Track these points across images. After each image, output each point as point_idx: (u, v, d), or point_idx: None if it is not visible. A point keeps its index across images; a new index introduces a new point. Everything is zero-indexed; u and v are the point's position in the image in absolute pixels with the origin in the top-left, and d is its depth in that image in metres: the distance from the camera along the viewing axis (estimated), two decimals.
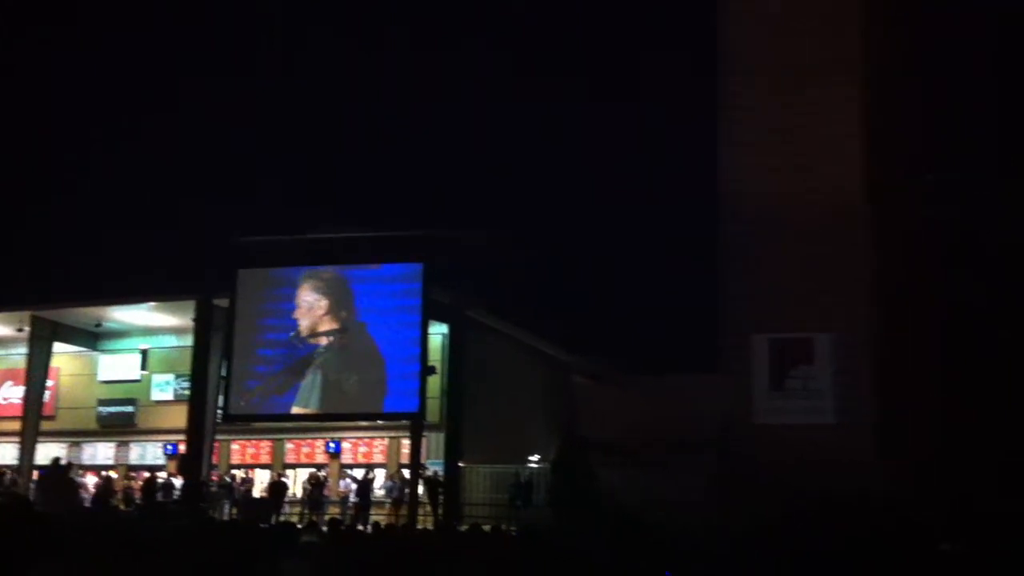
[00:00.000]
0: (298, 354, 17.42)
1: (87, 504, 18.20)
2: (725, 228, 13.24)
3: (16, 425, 20.60)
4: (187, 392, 19.49)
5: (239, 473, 20.77)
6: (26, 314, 20.52)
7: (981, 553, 8.83)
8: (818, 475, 11.00)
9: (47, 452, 19.91)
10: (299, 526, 9.69)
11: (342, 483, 19.91)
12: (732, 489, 11.56)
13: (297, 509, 18.81)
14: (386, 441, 20.58)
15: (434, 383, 18.00)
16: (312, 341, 17.43)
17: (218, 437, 19.88)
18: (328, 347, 17.38)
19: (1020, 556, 8.24)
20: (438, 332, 18.68)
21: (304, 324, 17.48)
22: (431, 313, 17.45)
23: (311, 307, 17.55)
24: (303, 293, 17.59)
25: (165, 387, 21.98)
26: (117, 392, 22.29)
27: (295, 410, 17.48)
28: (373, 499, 18.58)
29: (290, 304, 17.59)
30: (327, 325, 17.48)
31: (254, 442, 21.49)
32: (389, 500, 18.54)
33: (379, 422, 19.60)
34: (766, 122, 13.04)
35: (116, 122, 23.08)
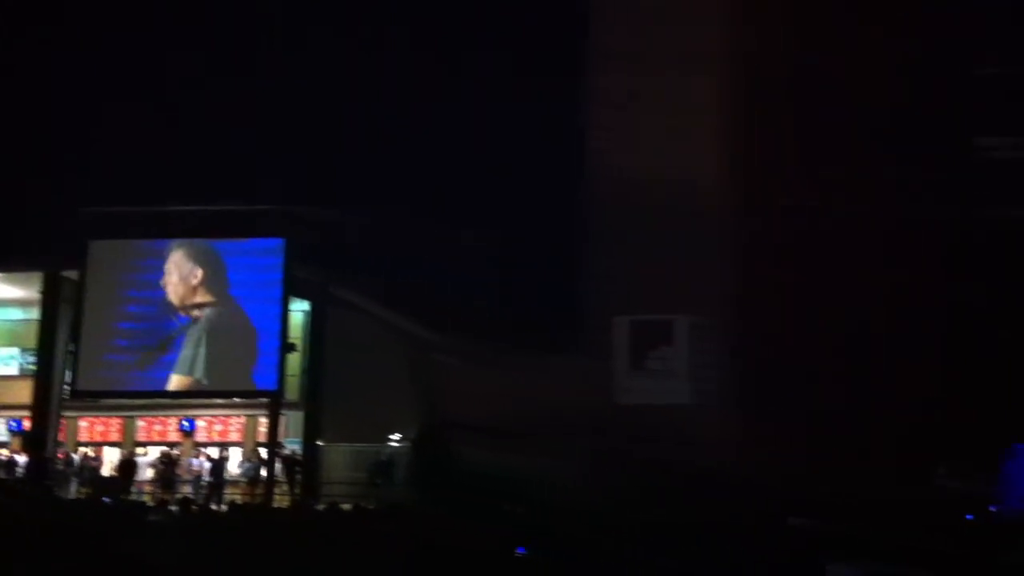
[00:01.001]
0: (166, 328, 17.02)
1: None
2: (590, 211, 13.37)
3: None
4: (33, 367, 18.78)
5: (87, 451, 20.09)
6: None
7: (827, 527, 9.13)
8: (677, 454, 11.22)
9: None
10: (149, 505, 9.39)
11: (195, 462, 19.45)
12: (594, 468, 11.71)
13: (148, 488, 18.30)
14: (243, 419, 20.19)
15: (294, 361, 17.79)
16: (184, 314, 17.06)
17: (65, 414, 19.20)
18: (200, 321, 17.02)
19: (861, 527, 8.57)
20: (300, 309, 18.42)
21: (174, 296, 17.08)
22: (293, 290, 17.24)
23: (183, 278, 17.12)
24: (174, 264, 17.14)
25: (9, 361, 21.10)
26: None
27: (168, 386, 17.11)
28: (228, 478, 18.21)
29: (156, 276, 17.13)
30: (200, 297, 17.11)
31: (103, 419, 20.81)
32: (244, 479, 18.20)
33: (236, 400, 19.22)
34: (631, 107, 13.21)
35: None
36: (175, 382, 17.14)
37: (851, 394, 13.33)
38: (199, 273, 17.07)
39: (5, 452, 19.42)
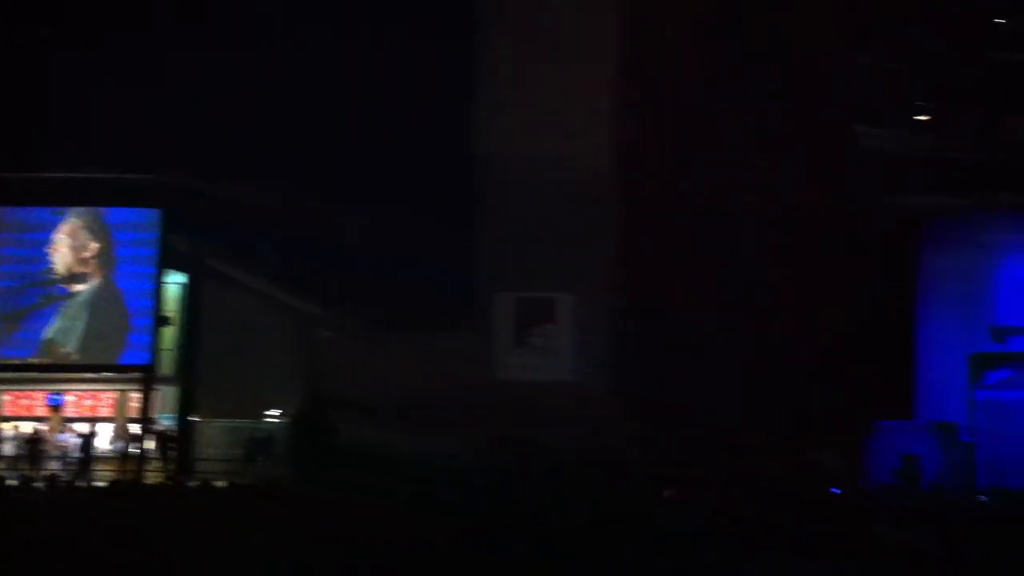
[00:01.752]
0: (33, 298, 16.54)
1: None
2: (480, 189, 13.34)
3: None
4: None
5: None
6: None
7: (699, 498, 9.32)
8: (558, 428, 11.31)
9: None
10: (13, 482, 9.04)
11: (63, 437, 18.81)
12: (477, 443, 11.71)
13: (13, 465, 17.63)
14: (114, 394, 19.61)
15: (170, 335, 17.38)
16: (64, 286, 16.63)
17: None
18: (77, 293, 16.57)
19: (733, 497, 8.78)
20: (176, 282, 17.97)
21: (56, 267, 16.62)
22: (170, 262, 16.84)
23: (69, 249, 16.66)
24: (59, 235, 16.68)
25: None
26: None
27: (35, 358, 16.56)
28: (98, 454, 17.68)
29: (38, 249, 16.67)
30: (81, 268, 16.67)
31: None
32: (115, 456, 17.69)
33: (106, 374, 18.67)
34: (523, 88, 13.22)
35: None
36: (42, 355, 16.63)
37: (728, 374, 13.62)
38: (88, 245, 16.70)
39: None
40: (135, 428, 17.80)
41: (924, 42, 14.55)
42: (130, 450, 17.23)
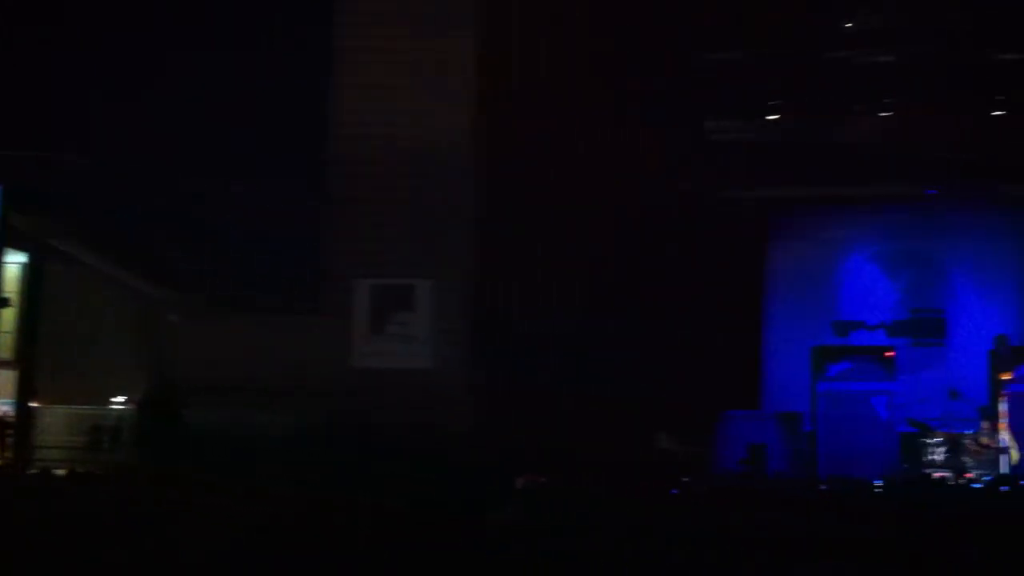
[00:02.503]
0: None
1: None
2: (334, 170, 13.13)
3: None
4: None
5: None
6: None
7: (553, 486, 9.39)
8: (414, 416, 11.25)
9: None
10: None
11: None
12: (329, 430, 11.56)
13: None
14: None
15: (8, 317, 16.67)
16: None
17: None
18: None
19: (587, 487, 8.88)
20: (16, 262, 17.22)
21: None
22: (9, 240, 16.12)
23: None
24: None
25: None
26: None
27: None
28: None
29: None
30: None
31: None
32: None
33: None
34: (379, 67, 13.04)
35: None
36: None
37: (582, 363, 13.79)
38: None
39: None
40: None
41: (773, 37, 14.99)
42: None
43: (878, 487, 12.00)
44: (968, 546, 7.48)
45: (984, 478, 13.41)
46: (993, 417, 14.01)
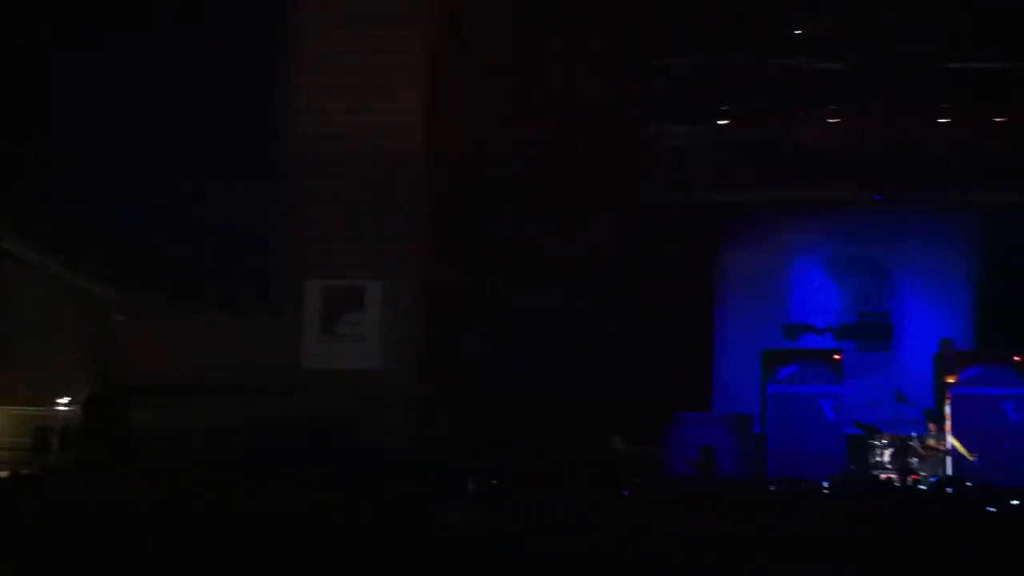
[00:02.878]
0: None
1: None
2: (284, 170, 13.03)
3: None
4: None
5: None
6: None
7: (505, 488, 9.39)
8: (363, 417, 11.19)
9: None
10: None
11: None
12: (279, 431, 11.45)
13: None
14: None
15: None
16: None
17: None
18: None
19: (539, 488, 8.87)
20: None
21: None
22: None
23: None
24: None
25: None
26: None
27: None
28: None
29: None
30: None
31: None
32: None
33: None
34: (331, 66, 12.97)
35: None
36: None
37: (534, 365, 13.80)
38: None
39: None
40: None
41: (725, 43, 15.12)
42: None
43: (825, 488, 12.14)
44: (914, 546, 7.58)
45: (930, 479, 13.60)
46: (938, 419, 14.22)
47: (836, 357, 14.95)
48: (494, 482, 10.76)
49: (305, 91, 12.89)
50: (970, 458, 13.72)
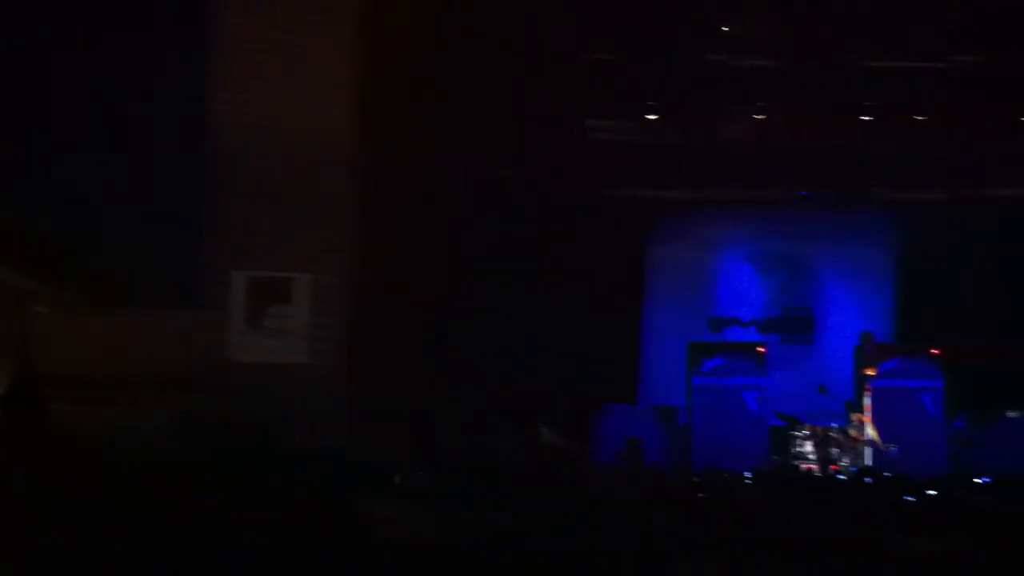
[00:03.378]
0: None
1: None
2: (211, 162, 12.84)
3: None
4: None
5: None
6: None
7: (440, 483, 9.39)
8: (290, 411, 11.08)
9: None
10: None
11: None
12: (200, 426, 11.29)
13: None
14: None
15: None
16: None
17: None
18: None
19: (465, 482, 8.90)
20: None
21: None
22: None
23: None
24: None
25: None
26: None
27: None
28: None
29: None
30: None
31: None
32: None
33: None
34: (259, 58, 12.79)
35: None
36: None
37: (462, 356, 13.80)
38: None
39: None
40: None
41: (653, 39, 15.25)
42: None
43: (748, 479, 12.33)
44: (833, 533, 7.73)
45: (850, 470, 13.89)
46: (858, 411, 14.52)
47: (760, 350, 15.21)
48: (421, 475, 10.75)
49: (232, 80, 12.70)
50: (888, 449, 14.03)
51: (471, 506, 8.26)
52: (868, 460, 14.12)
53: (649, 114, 16.18)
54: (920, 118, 16.10)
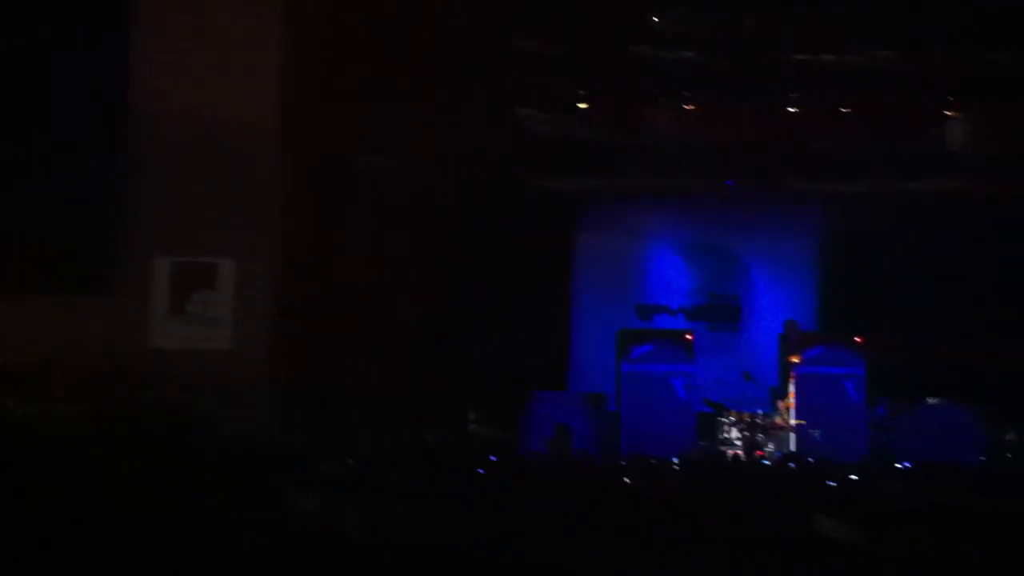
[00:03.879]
0: None
1: None
2: (133, 145, 12.58)
3: None
4: None
5: None
6: None
7: (358, 470, 9.32)
8: (214, 399, 10.92)
9: None
10: None
11: None
12: (120, 414, 11.08)
13: None
14: None
15: None
16: None
17: None
18: None
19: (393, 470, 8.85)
20: None
21: None
22: None
23: None
24: None
25: None
26: None
27: None
28: None
29: None
30: None
31: None
32: None
33: None
34: (183, 39, 12.57)
35: None
36: None
37: (390, 345, 13.71)
38: None
39: None
40: None
41: (583, 31, 15.29)
42: None
43: (675, 465, 12.43)
44: (756, 516, 7.82)
45: (775, 455, 14.07)
46: (783, 398, 14.71)
47: (688, 337, 15.31)
48: (349, 464, 10.68)
49: (156, 62, 12.44)
50: (810, 435, 14.23)
51: (387, 495, 8.23)
52: (792, 446, 14.32)
53: (578, 104, 16.23)
54: (845, 111, 16.35)
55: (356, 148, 13.25)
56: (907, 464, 13.29)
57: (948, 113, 16.44)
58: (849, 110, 16.31)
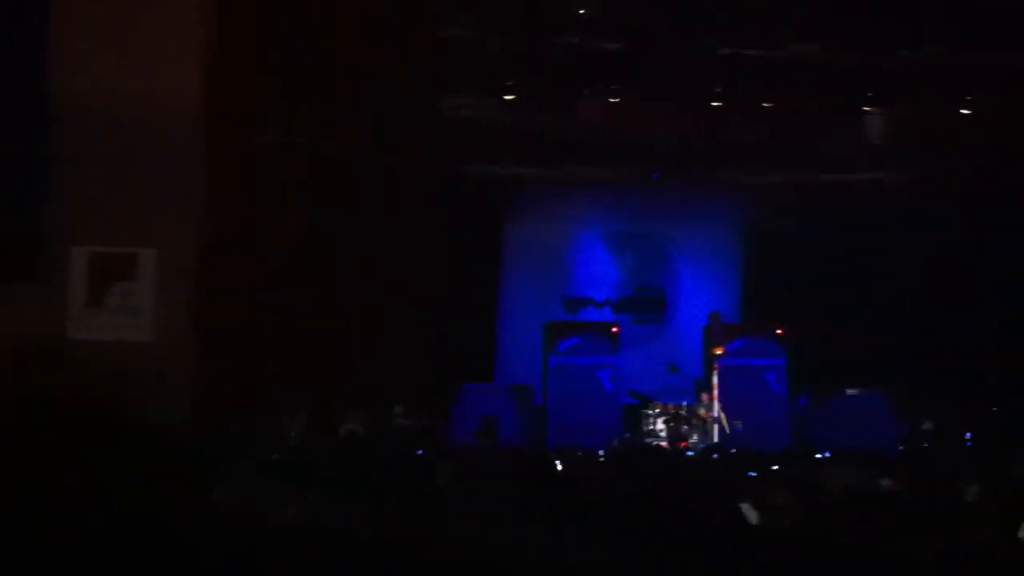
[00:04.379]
0: None
1: None
2: (51, 131, 12.21)
3: None
4: None
5: None
6: None
7: (281, 462, 9.19)
8: (133, 391, 10.67)
9: None
10: None
11: None
12: (42, 406, 10.77)
13: None
14: None
15: None
16: None
17: None
18: None
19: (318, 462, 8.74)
20: None
21: None
22: None
23: None
24: None
25: None
26: None
27: None
28: None
29: None
30: None
31: None
32: None
33: None
34: (103, 24, 12.22)
35: None
36: None
37: (315, 337, 13.56)
38: None
39: None
40: None
41: (511, 18, 15.26)
42: None
43: (601, 456, 12.49)
44: (680, 508, 7.85)
45: (699, 446, 14.22)
46: (707, 389, 14.87)
47: (614, 330, 15.41)
48: (274, 456, 10.53)
49: (70, 41, 12.09)
50: (733, 426, 14.41)
51: (310, 488, 8.11)
52: (715, 437, 14.49)
53: (504, 94, 16.20)
54: (768, 105, 16.56)
55: (281, 134, 13.06)
56: (827, 453, 13.52)
57: (868, 108, 16.75)
58: (773, 103, 16.53)
